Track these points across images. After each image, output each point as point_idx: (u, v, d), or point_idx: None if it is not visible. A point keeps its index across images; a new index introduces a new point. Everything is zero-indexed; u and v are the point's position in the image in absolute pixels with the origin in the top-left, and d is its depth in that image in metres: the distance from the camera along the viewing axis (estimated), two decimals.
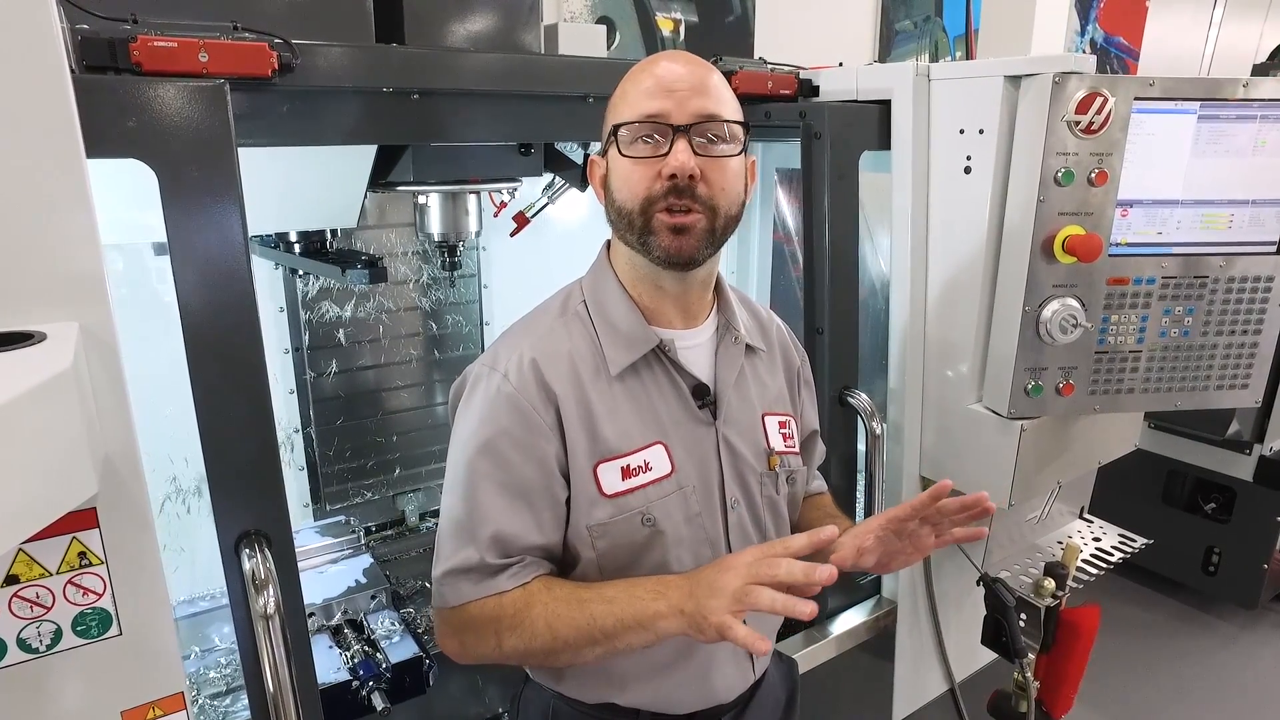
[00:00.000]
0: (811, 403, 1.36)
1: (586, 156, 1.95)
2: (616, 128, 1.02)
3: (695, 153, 0.99)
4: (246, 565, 1.07)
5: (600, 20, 2.92)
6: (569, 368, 1.05)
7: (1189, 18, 5.13)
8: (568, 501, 1.06)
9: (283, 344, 2.07)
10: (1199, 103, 1.47)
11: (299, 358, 2.09)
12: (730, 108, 1.04)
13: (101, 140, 0.95)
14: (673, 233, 1.01)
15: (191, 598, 1.76)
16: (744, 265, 2.82)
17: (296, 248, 1.78)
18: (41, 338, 0.83)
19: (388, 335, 2.20)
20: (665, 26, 3.10)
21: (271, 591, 1.06)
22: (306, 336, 2.08)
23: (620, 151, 1.02)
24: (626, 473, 1.05)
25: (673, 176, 0.98)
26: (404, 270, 2.21)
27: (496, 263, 2.32)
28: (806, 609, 0.86)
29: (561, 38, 2.06)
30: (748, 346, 1.18)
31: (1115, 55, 4.78)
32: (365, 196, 1.80)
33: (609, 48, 2.89)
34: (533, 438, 1.03)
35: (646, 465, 1.06)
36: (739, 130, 1.03)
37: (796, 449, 1.24)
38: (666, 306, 1.11)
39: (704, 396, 1.11)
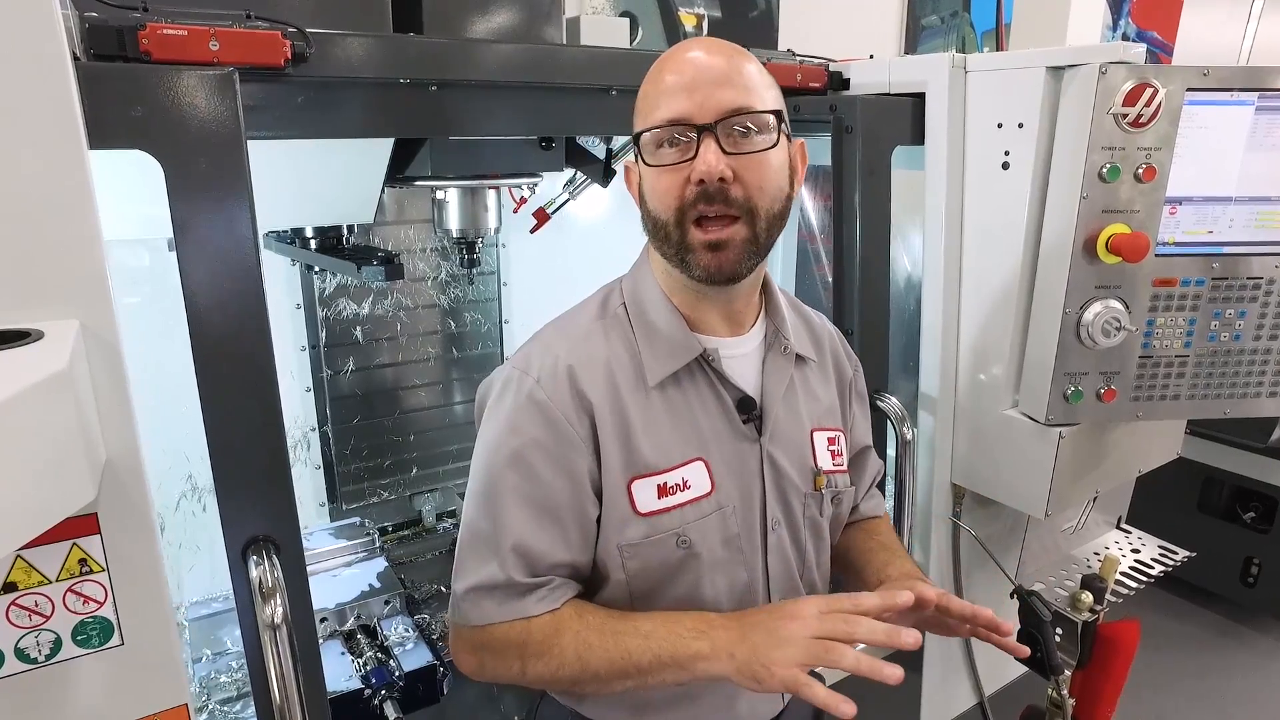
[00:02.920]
0: (864, 416, 1.27)
1: (609, 152, 1.90)
2: (639, 135, 0.95)
3: (726, 151, 0.90)
4: (254, 573, 1.03)
5: (622, 15, 2.87)
6: (605, 376, 0.98)
7: (1226, 11, 4.98)
8: (599, 519, 1.00)
9: (299, 341, 2.04)
10: (1257, 94, 1.40)
11: (315, 355, 2.06)
12: (761, 94, 0.94)
13: (106, 130, 0.92)
14: (710, 250, 0.93)
15: (205, 598, 1.74)
16: (769, 265, 2.76)
17: (312, 244, 1.74)
18: (39, 336, 0.80)
19: (405, 333, 2.17)
20: (688, 21, 3.05)
21: (279, 600, 1.02)
22: (323, 334, 2.05)
23: (645, 161, 0.95)
24: (663, 491, 0.98)
25: (701, 181, 0.90)
26: (422, 267, 2.17)
27: (516, 260, 2.28)
28: (893, 675, 0.81)
29: (584, 30, 2.01)
30: (797, 356, 1.10)
31: (1149, 51, 4.66)
32: (383, 192, 1.76)
33: (631, 43, 2.84)
34: (563, 449, 0.96)
35: (685, 483, 0.99)
36: (774, 119, 0.94)
37: (845, 467, 1.15)
38: (710, 314, 1.03)
39: (749, 410, 1.03)
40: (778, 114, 0.95)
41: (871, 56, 1.83)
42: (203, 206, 0.98)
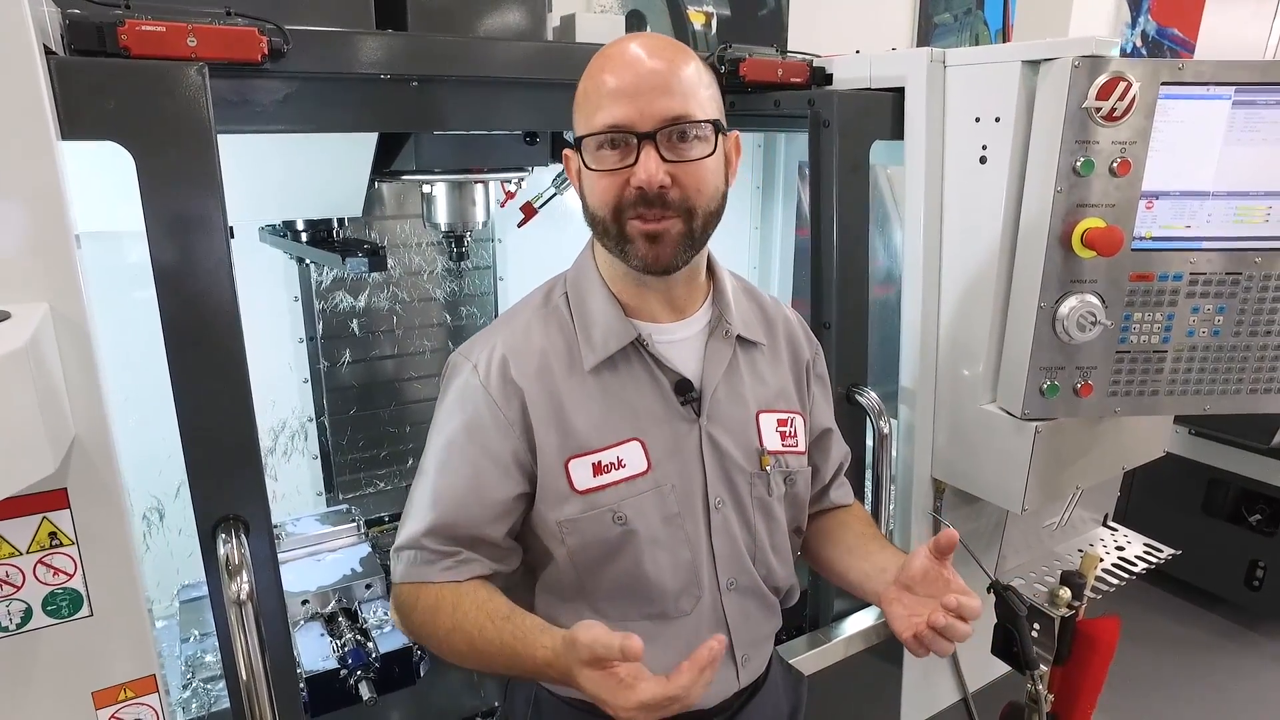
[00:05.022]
0: (825, 399, 1.29)
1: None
2: (580, 139, 0.98)
3: (665, 159, 0.94)
4: (221, 550, 1.06)
5: (630, 13, 2.89)
6: (538, 363, 1.04)
7: (1251, 8, 4.89)
8: (529, 498, 1.05)
9: (297, 333, 2.08)
10: (1234, 87, 1.39)
11: (313, 347, 2.10)
12: (700, 102, 0.97)
13: (78, 122, 0.96)
14: (648, 241, 0.97)
15: (197, 581, 1.78)
16: (766, 261, 2.77)
17: (304, 236, 1.78)
18: (4, 317, 0.83)
19: (402, 326, 2.21)
20: (697, 20, 3.05)
21: (245, 577, 1.05)
22: (320, 326, 2.09)
23: (586, 164, 0.98)
24: (598, 469, 1.02)
25: (641, 187, 0.94)
26: (418, 261, 2.21)
27: (512, 254, 2.31)
28: None
29: (579, 28, 2.04)
30: (743, 340, 1.13)
31: (1169, 48, 4.60)
32: (373, 186, 1.80)
33: None
34: (492, 433, 1.02)
35: (619, 462, 1.03)
36: (712, 127, 0.97)
37: (799, 448, 1.17)
38: (649, 300, 1.07)
39: (687, 392, 1.07)
40: (716, 123, 0.98)
41: (858, 52, 1.83)
42: (173, 197, 1.02)
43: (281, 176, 1.56)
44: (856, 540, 1.21)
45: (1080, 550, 1.89)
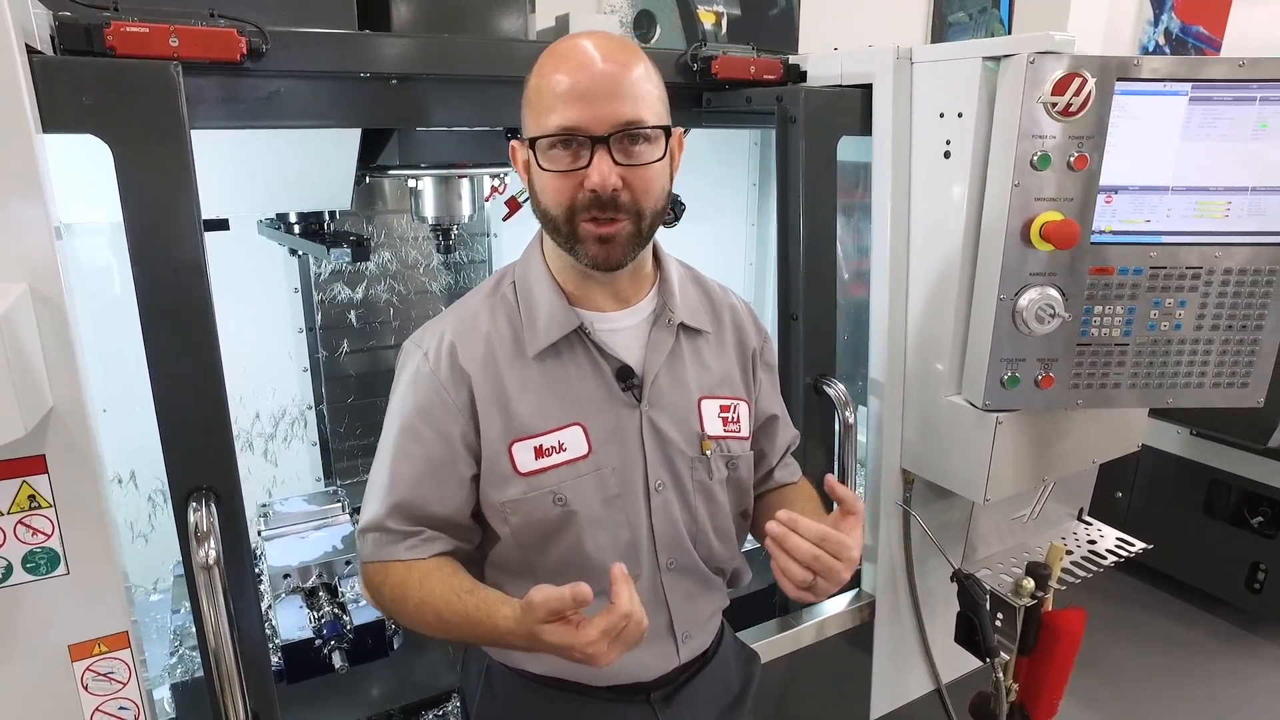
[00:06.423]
0: (773, 385, 1.32)
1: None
2: (533, 140, 1.00)
3: (616, 162, 0.97)
4: (191, 518, 1.13)
5: (641, 13, 2.93)
6: (484, 350, 1.08)
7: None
8: (477, 479, 1.09)
9: (296, 324, 2.17)
10: (1190, 84, 1.40)
11: (312, 337, 2.18)
12: (651, 106, 1.00)
13: (59, 117, 1.03)
14: (599, 242, 1.01)
15: None
16: (762, 258, 2.80)
17: (296, 229, 1.86)
18: None
19: (399, 318, 2.28)
20: (707, 19, 3.09)
21: (212, 544, 1.12)
22: (319, 317, 2.17)
23: (539, 164, 1.01)
24: (539, 452, 1.07)
25: (594, 190, 0.98)
26: (414, 255, 2.28)
27: (507, 248, 2.37)
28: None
29: (574, 28, 2.09)
30: (686, 328, 1.17)
31: (1193, 46, 4.53)
32: (363, 180, 1.87)
33: (650, 40, 2.90)
34: (443, 416, 1.07)
35: (560, 446, 1.07)
36: (661, 130, 1.01)
37: (742, 434, 1.20)
38: (594, 291, 1.11)
39: (628, 379, 1.11)
40: (666, 129, 1.02)
41: (836, 49, 1.86)
42: (148, 186, 1.09)
43: (271, 171, 1.63)
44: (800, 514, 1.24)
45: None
